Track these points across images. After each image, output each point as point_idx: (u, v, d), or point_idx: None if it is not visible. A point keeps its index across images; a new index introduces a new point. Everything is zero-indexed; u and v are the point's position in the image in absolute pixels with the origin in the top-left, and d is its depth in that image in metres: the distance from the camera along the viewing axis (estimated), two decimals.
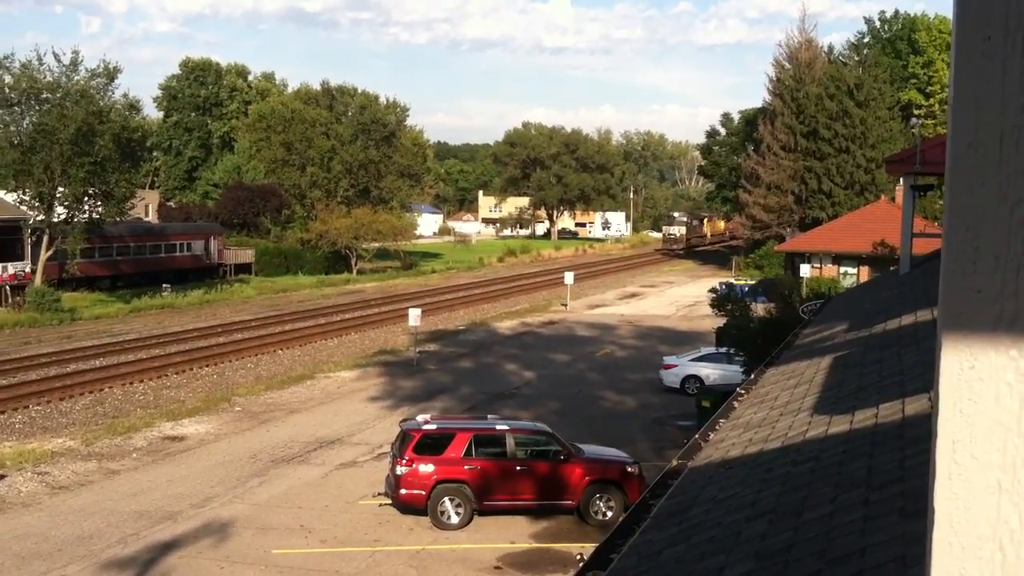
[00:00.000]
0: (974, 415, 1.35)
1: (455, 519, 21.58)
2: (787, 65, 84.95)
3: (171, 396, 34.62)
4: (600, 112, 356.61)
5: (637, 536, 6.35)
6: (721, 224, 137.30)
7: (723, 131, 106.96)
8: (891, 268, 26.66)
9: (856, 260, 57.17)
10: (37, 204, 55.82)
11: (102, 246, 64.49)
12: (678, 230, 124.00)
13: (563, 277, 63.25)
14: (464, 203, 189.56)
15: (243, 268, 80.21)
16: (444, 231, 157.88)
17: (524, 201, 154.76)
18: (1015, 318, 1.33)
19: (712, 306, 35.27)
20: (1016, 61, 1.32)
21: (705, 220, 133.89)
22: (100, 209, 57.88)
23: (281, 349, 44.46)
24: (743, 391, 11.19)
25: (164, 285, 64.75)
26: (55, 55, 56.01)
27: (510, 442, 22.54)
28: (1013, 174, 1.33)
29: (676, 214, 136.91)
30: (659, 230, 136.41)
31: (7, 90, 54.47)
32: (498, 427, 23.10)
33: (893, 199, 59.62)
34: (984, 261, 1.35)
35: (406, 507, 21.91)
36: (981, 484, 1.35)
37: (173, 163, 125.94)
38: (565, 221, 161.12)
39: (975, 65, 1.34)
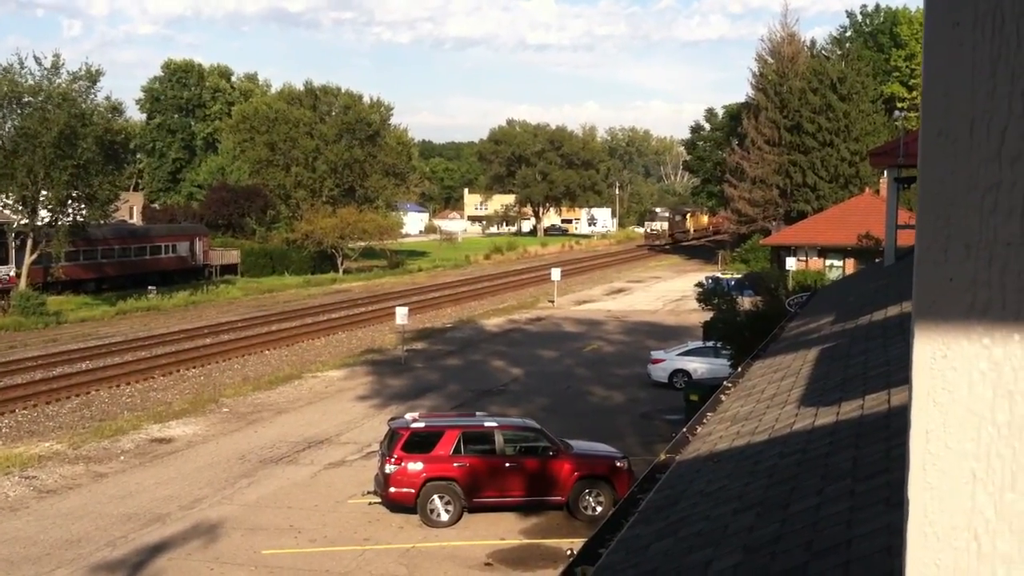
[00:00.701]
0: (948, 404, 1.35)
1: (445, 516, 21.57)
2: (770, 60, 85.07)
3: (158, 398, 34.51)
4: (584, 109, 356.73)
5: (625, 530, 6.34)
6: (704, 219, 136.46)
7: (707, 126, 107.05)
8: (876, 260, 26.74)
9: (841, 253, 57.23)
10: (20, 208, 55.57)
11: (86, 249, 64.23)
12: (660, 225, 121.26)
13: (550, 273, 63.22)
14: (450, 201, 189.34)
15: (229, 269, 79.99)
16: (430, 229, 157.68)
17: (510, 198, 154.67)
18: (987, 306, 1.33)
19: (699, 300, 35.24)
20: (985, 47, 1.32)
21: (688, 215, 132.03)
22: (84, 212, 57.59)
23: (268, 349, 44.36)
24: (730, 384, 11.20)
25: (149, 287, 64.47)
26: (36, 59, 55.74)
27: (499, 439, 22.54)
28: (983, 161, 1.32)
29: (658, 209, 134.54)
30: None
31: None
32: (486, 424, 23.09)
33: (877, 192, 59.75)
34: (955, 249, 1.34)
35: (395, 505, 21.90)
36: (955, 474, 1.34)
37: (157, 165, 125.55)
38: (551, 218, 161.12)
39: (945, 52, 1.34)
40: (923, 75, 1.37)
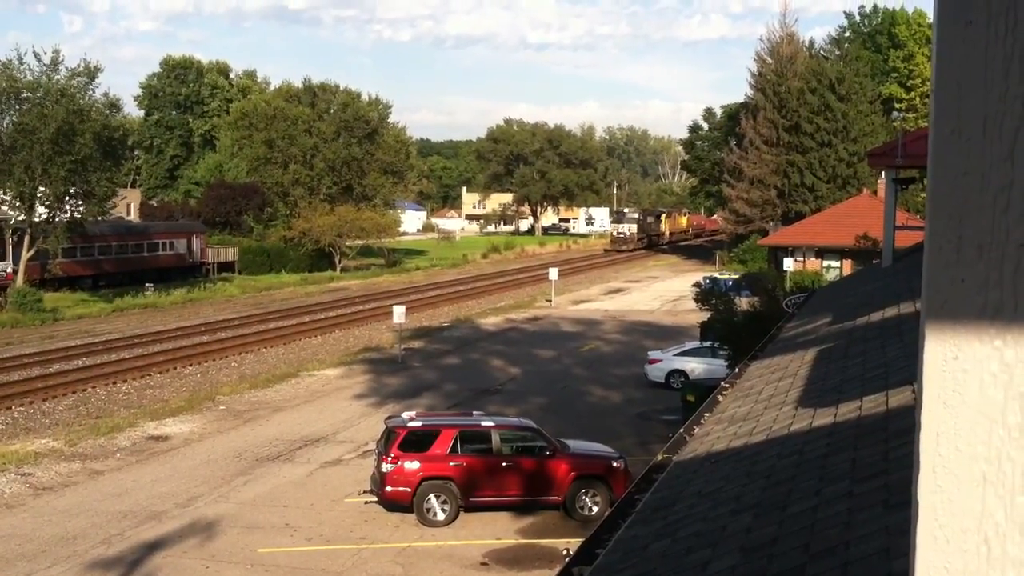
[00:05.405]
0: (958, 406, 1.33)
1: (441, 516, 21.55)
2: (769, 60, 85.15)
3: (155, 396, 34.46)
4: (583, 108, 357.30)
5: (623, 531, 6.33)
6: (683, 220, 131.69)
7: (706, 126, 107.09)
8: (874, 261, 26.76)
9: (839, 253, 57.27)
10: (18, 204, 55.56)
11: (84, 245, 64.16)
12: (628, 228, 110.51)
13: (547, 273, 63.22)
14: (448, 200, 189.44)
15: (226, 267, 79.95)
16: (428, 228, 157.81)
17: (508, 197, 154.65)
18: (999, 308, 1.31)
19: (696, 300, 35.28)
20: (998, 46, 1.30)
21: (663, 216, 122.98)
22: (81, 208, 57.61)
23: (265, 348, 44.32)
24: (727, 385, 11.18)
25: (147, 284, 64.48)
26: (35, 54, 55.74)
27: (495, 438, 22.51)
28: (996, 161, 1.31)
29: (626, 210, 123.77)
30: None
31: None
32: (483, 423, 23.07)
33: (875, 192, 59.79)
34: (967, 250, 1.32)
35: (392, 504, 21.88)
36: (966, 477, 1.33)
37: (154, 162, 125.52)
38: (549, 217, 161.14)
39: (957, 51, 1.32)
40: (934, 73, 1.36)
